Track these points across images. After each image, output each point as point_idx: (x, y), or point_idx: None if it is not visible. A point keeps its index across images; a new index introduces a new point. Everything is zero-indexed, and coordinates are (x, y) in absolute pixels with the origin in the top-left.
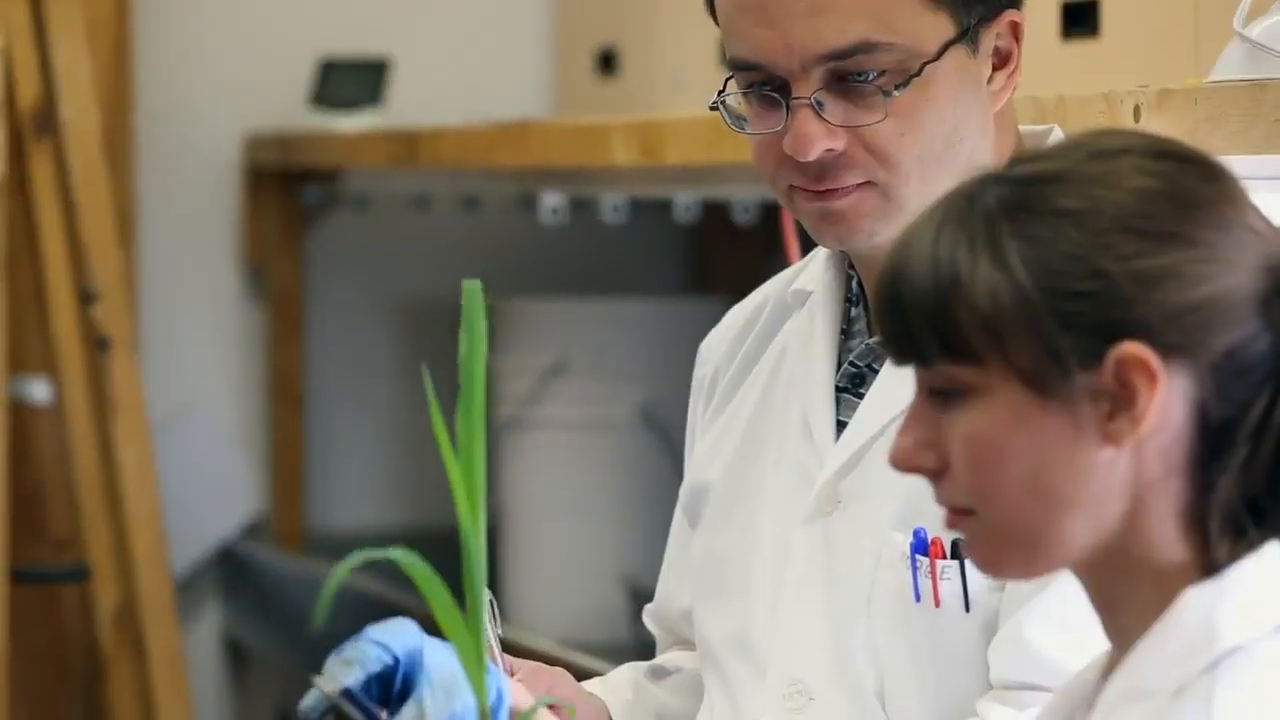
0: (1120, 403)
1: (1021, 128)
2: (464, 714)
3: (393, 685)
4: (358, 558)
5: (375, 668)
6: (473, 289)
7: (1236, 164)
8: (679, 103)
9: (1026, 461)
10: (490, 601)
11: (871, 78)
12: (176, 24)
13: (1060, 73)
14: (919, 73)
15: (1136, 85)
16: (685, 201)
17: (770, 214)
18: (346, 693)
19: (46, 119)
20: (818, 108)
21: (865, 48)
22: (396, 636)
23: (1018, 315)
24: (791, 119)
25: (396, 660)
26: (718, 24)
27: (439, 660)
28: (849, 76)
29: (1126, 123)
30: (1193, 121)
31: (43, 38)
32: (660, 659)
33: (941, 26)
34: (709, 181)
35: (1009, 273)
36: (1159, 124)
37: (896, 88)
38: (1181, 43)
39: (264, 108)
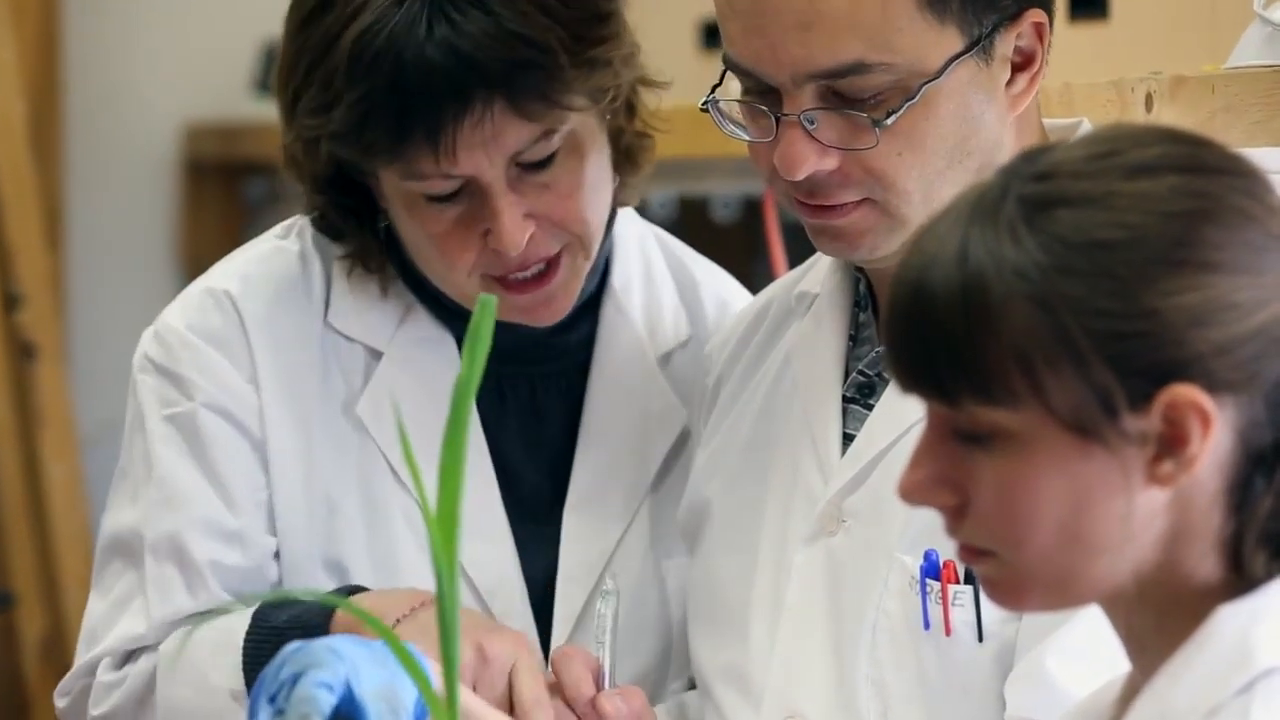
0: (1169, 444)
1: (1047, 122)
2: (418, 711)
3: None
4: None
5: (327, 712)
6: (486, 303)
7: (1258, 156)
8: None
9: (1063, 508)
10: (613, 608)
11: (867, 98)
12: (110, 5)
13: (1067, 58)
14: (914, 96)
15: (1149, 72)
16: (661, 197)
17: (752, 210)
18: None
19: None
20: (809, 125)
21: (859, 69)
22: (331, 667)
23: (1059, 356)
24: (780, 133)
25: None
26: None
27: (372, 681)
28: (843, 92)
29: (1138, 113)
30: (1209, 111)
31: None
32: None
33: (947, 41)
34: (686, 176)
35: (1049, 309)
36: (1172, 114)
37: (889, 115)
38: (1197, 26)
39: (204, 95)
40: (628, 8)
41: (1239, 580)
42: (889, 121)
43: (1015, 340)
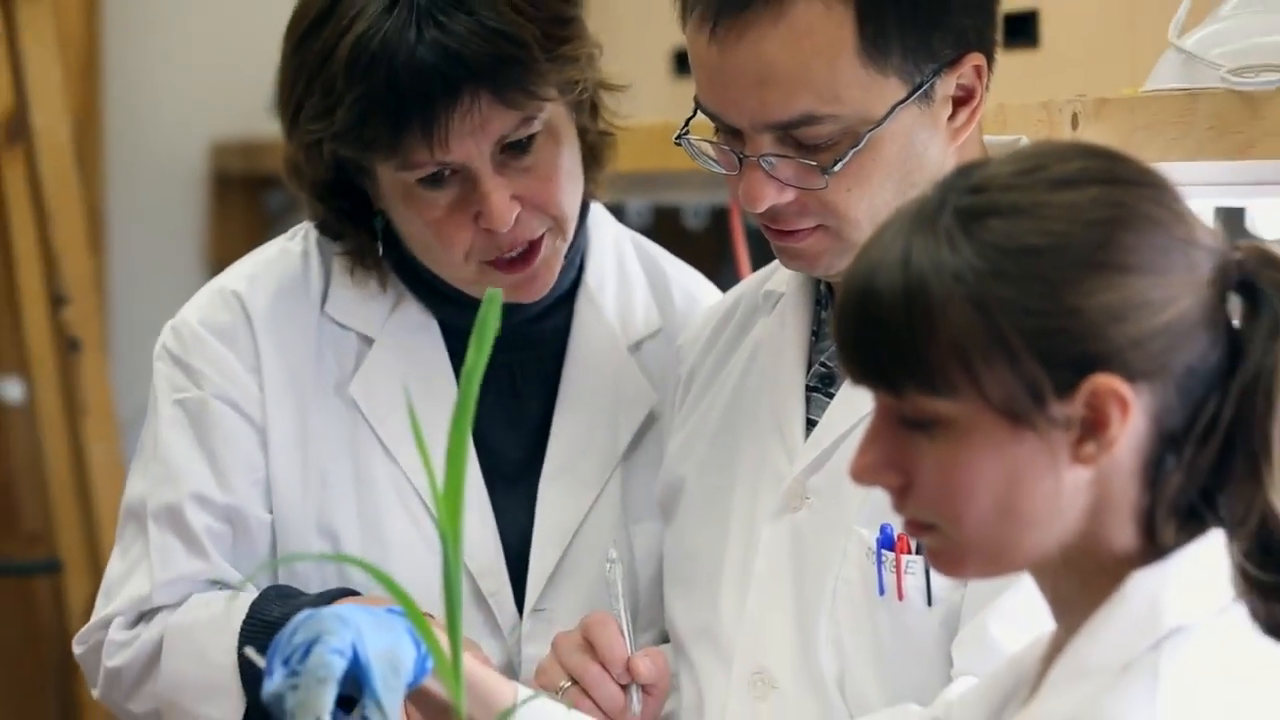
0: (1091, 427)
1: (987, 138)
2: (417, 670)
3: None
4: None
5: (340, 676)
6: (494, 296)
7: (1172, 170)
8: (631, 111)
9: (997, 486)
10: (620, 574)
11: (819, 144)
12: (145, 35)
13: (1001, 82)
14: (859, 144)
15: (1075, 94)
16: (637, 206)
17: (719, 218)
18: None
19: (18, 127)
20: (768, 166)
21: (810, 120)
22: (340, 634)
23: (993, 351)
24: (744, 172)
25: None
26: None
27: (376, 645)
28: (797, 139)
29: (1065, 131)
30: (1129, 130)
31: (14, 48)
32: None
33: (890, 90)
34: (660, 187)
35: (984, 309)
36: (1096, 132)
37: (836, 162)
38: (1118, 53)
39: (229, 116)
40: (608, 35)
41: (1152, 548)
42: (836, 169)
43: (954, 337)
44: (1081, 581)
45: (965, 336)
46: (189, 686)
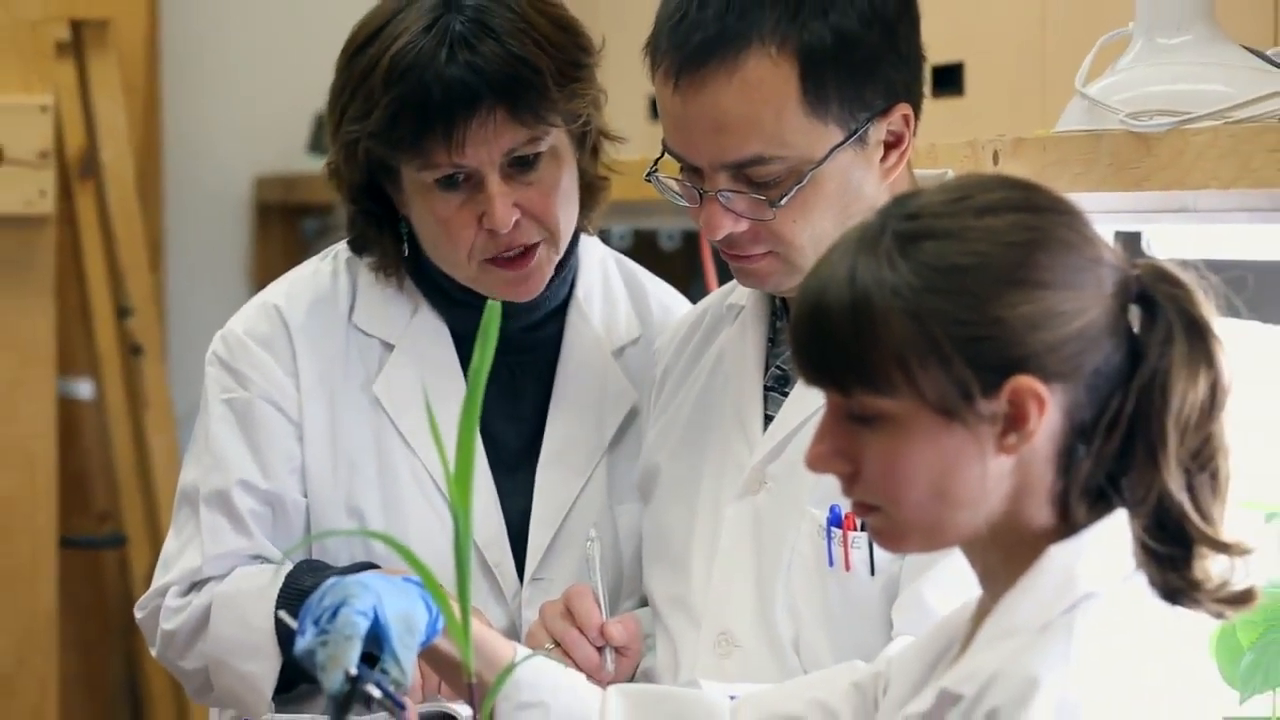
0: (1013, 422)
1: (918, 172)
2: (429, 631)
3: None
4: (351, 532)
5: (363, 634)
6: (494, 308)
7: (1078, 201)
8: (615, 149)
9: (932, 472)
10: (598, 551)
11: (768, 181)
12: (198, 85)
13: (932, 124)
14: (802, 182)
15: (995, 135)
16: (620, 230)
17: (691, 241)
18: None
19: (89, 163)
20: (724, 200)
21: (760, 160)
22: (362, 598)
23: (928, 356)
24: (704, 205)
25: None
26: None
27: (393, 608)
28: (749, 177)
29: (987, 166)
30: (1041, 165)
31: (86, 97)
32: None
33: (830, 135)
34: (640, 214)
35: (919, 320)
36: (1014, 167)
37: (782, 197)
38: (1032, 99)
39: (270, 154)
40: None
41: (1066, 525)
42: (782, 203)
43: (894, 344)
44: (1006, 554)
45: (904, 344)
46: (233, 646)
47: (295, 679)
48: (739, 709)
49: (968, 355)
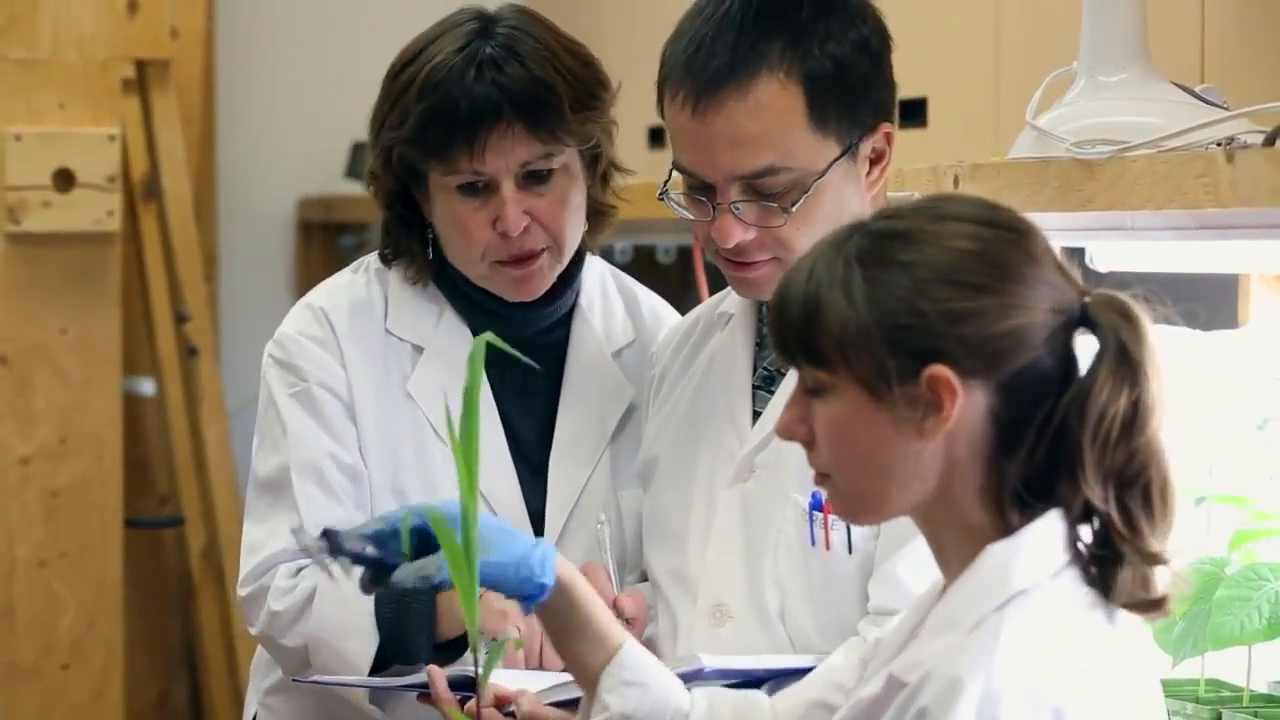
0: (931, 408)
1: (890, 194)
2: (533, 589)
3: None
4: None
5: (396, 522)
6: (480, 341)
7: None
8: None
9: (863, 444)
10: (608, 533)
11: (777, 192)
12: (248, 117)
13: (899, 153)
14: (809, 189)
15: (955, 161)
16: (621, 246)
17: (685, 255)
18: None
19: (152, 187)
20: (736, 211)
21: (772, 171)
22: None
23: (859, 339)
24: (716, 216)
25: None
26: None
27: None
28: (760, 189)
29: (949, 189)
30: (996, 188)
31: (150, 127)
32: None
33: (829, 149)
34: (639, 231)
35: (855, 307)
36: (971, 190)
37: (793, 204)
38: (987, 130)
39: (312, 179)
40: None
41: (1004, 525)
42: (794, 209)
43: (833, 328)
44: (956, 544)
45: (840, 327)
46: (334, 626)
47: (390, 658)
48: (774, 703)
49: (891, 342)
